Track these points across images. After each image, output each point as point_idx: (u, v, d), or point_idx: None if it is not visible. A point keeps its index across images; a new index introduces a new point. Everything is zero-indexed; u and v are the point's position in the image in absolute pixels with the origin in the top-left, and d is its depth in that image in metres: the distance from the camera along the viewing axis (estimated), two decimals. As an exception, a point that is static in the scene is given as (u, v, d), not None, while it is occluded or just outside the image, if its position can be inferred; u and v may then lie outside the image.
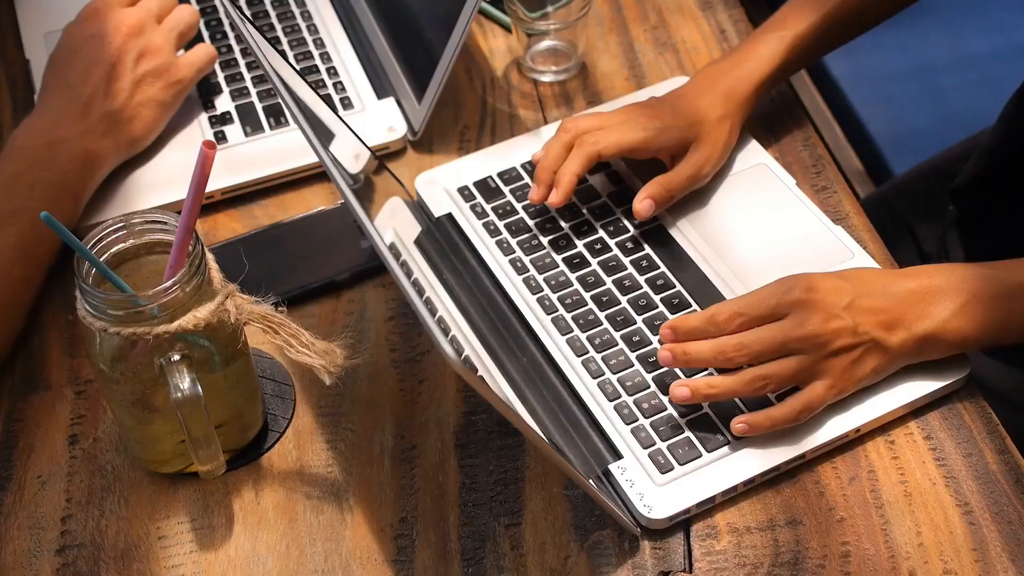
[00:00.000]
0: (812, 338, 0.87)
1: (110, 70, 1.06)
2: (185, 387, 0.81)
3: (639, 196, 1.00)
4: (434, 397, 0.95)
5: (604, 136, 0.99)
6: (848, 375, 0.88)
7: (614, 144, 0.99)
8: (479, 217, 1.04)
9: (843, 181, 1.08)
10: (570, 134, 1.00)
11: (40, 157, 1.02)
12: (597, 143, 0.99)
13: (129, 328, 0.81)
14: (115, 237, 0.84)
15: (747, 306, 0.89)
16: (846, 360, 0.88)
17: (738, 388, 0.88)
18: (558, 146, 1.01)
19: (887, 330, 0.89)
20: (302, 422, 0.94)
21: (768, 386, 0.88)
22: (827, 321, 0.87)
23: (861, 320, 0.88)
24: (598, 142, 0.99)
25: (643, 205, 1.00)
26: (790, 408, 0.88)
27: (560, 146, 1.00)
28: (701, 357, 0.89)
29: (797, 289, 0.89)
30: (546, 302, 0.98)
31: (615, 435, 0.90)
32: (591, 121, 1.01)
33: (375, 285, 1.02)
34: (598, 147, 0.99)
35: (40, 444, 0.94)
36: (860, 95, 1.69)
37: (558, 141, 1.01)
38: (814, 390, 0.88)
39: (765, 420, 0.87)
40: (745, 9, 1.24)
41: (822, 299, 0.88)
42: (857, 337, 0.88)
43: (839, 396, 0.89)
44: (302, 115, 0.83)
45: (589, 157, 0.99)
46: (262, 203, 1.09)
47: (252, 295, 0.87)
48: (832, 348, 0.87)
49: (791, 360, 0.87)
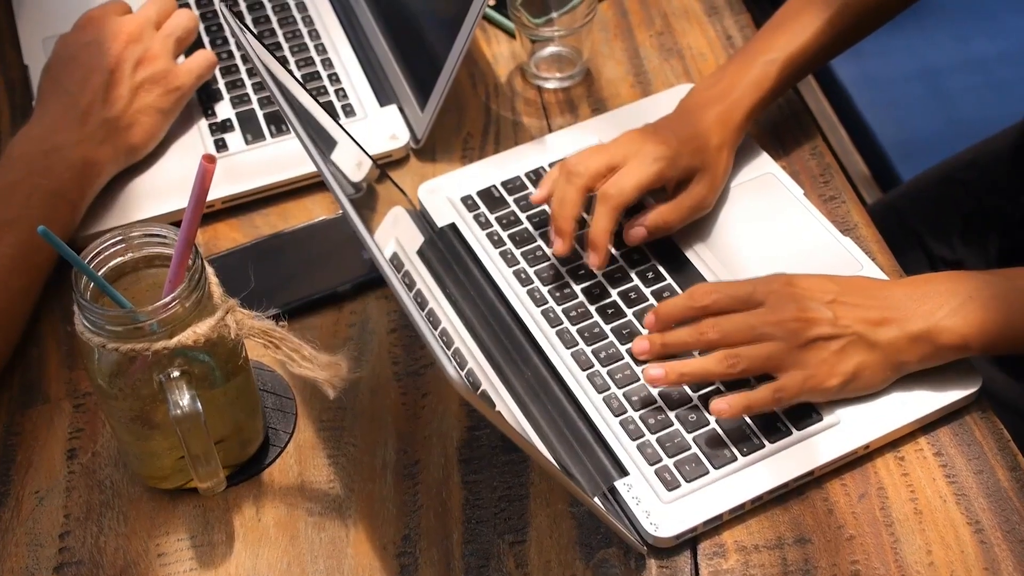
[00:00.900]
0: (785, 323, 0.87)
1: (108, 77, 1.05)
2: (184, 404, 0.80)
3: (633, 221, 0.98)
4: (437, 411, 0.94)
5: (624, 182, 0.96)
6: (829, 368, 0.87)
7: (635, 188, 0.96)
8: (483, 227, 1.03)
9: (851, 191, 1.07)
10: (582, 179, 0.96)
11: (38, 165, 1.01)
12: (621, 193, 0.96)
13: (128, 344, 0.79)
14: (114, 251, 0.83)
15: (724, 285, 0.90)
16: (825, 351, 0.87)
17: (710, 366, 0.88)
18: (574, 193, 0.96)
19: (873, 326, 0.88)
20: (303, 436, 0.93)
21: (738, 364, 0.87)
22: (804, 310, 0.87)
23: (842, 314, 0.88)
24: (622, 191, 0.96)
25: (635, 232, 0.98)
26: (766, 389, 0.87)
27: (576, 192, 0.96)
28: (678, 339, 0.89)
29: (777, 282, 0.89)
30: (551, 314, 0.97)
31: (621, 451, 0.89)
32: (598, 160, 0.97)
33: (377, 296, 1.01)
34: (623, 197, 0.96)
35: (38, 459, 0.92)
36: (866, 98, 1.67)
37: (573, 187, 0.96)
38: (791, 376, 0.87)
39: (743, 399, 0.87)
40: (751, 14, 1.23)
41: (802, 292, 0.89)
42: (837, 329, 0.87)
43: (820, 390, 0.87)
44: (301, 125, 0.81)
45: (617, 211, 0.96)
46: (263, 212, 1.08)
47: (253, 306, 0.86)
48: (807, 336, 0.87)
49: (764, 344, 0.87)
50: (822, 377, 0.87)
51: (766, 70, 1.02)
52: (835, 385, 0.87)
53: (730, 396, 0.87)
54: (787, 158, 1.09)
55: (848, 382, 0.88)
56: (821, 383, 0.87)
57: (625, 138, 1.00)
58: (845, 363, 0.87)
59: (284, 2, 1.23)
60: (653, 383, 0.89)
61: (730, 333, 0.88)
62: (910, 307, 0.88)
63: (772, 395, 0.87)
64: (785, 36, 1.03)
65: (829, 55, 1.06)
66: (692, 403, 0.90)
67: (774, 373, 0.87)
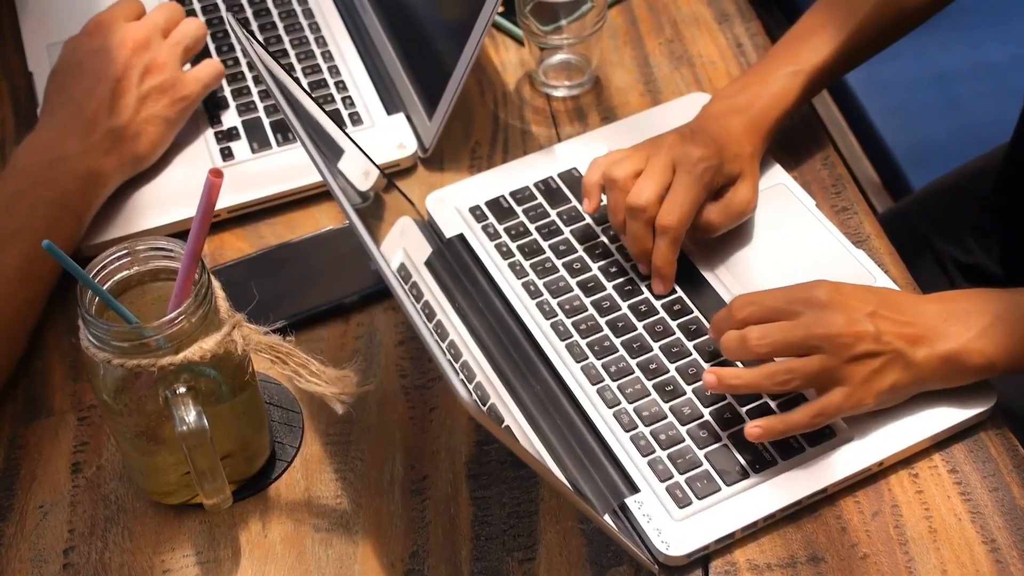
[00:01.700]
0: (835, 338, 0.85)
1: (115, 86, 1.04)
2: (191, 420, 0.79)
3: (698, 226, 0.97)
4: (445, 425, 0.93)
5: (678, 206, 0.94)
6: (868, 385, 0.86)
7: (691, 208, 0.95)
8: (491, 238, 1.02)
9: (863, 202, 1.06)
10: (647, 213, 0.94)
11: (42, 176, 1.00)
12: (680, 222, 0.94)
13: (134, 360, 0.79)
14: (119, 264, 0.82)
15: (763, 296, 0.88)
16: (867, 369, 0.86)
17: (762, 382, 0.86)
18: (642, 228, 0.95)
19: (912, 344, 0.86)
20: (310, 451, 0.92)
21: (792, 382, 0.85)
22: (851, 324, 0.85)
23: (885, 329, 0.86)
24: (680, 220, 0.94)
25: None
26: (805, 412, 0.86)
27: (644, 227, 0.95)
28: (727, 345, 0.87)
29: (819, 290, 0.87)
30: (560, 327, 0.96)
31: (632, 467, 0.88)
32: (651, 188, 0.95)
33: (385, 308, 1.00)
34: (682, 225, 0.95)
35: (42, 473, 0.92)
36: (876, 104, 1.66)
37: (640, 224, 0.95)
38: (832, 396, 0.86)
39: (779, 423, 0.85)
40: (762, 22, 1.22)
41: (846, 301, 0.87)
42: (880, 345, 0.86)
43: (857, 408, 0.86)
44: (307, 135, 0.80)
45: (679, 240, 0.95)
46: (269, 222, 1.07)
47: (259, 318, 0.85)
48: (854, 352, 0.85)
49: (815, 358, 0.85)
50: (861, 396, 0.86)
51: (790, 82, 1.01)
52: (870, 404, 0.86)
53: (765, 420, 0.85)
54: (798, 168, 1.08)
55: (881, 401, 0.87)
56: (860, 402, 0.86)
57: (668, 143, 0.97)
58: (883, 381, 0.86)
59: (290, 8, 1.22)
60: (707, 388, 0.87)
61: (777, 345, 0.85)
62: (940, 326, 0.87)
63: (811, 419, 0.85)
64: (808, 48, 1.02)
65: (851, 66, 1.05)
66: (703, 419, 0.89)
67: (818, 389, 0.86)
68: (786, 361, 0.85)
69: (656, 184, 0.95)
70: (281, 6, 1.22)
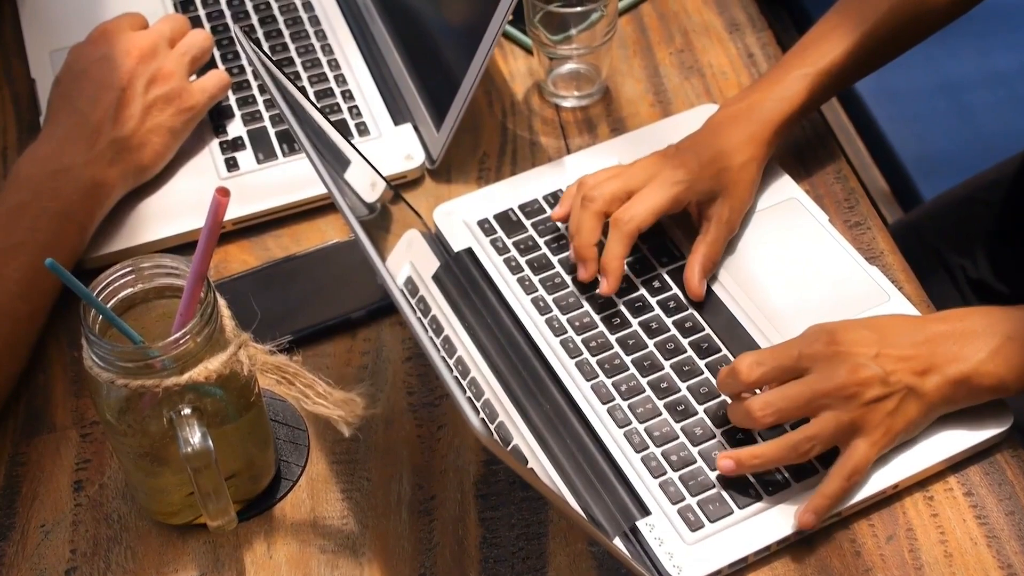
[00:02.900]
0: (840, 390, 0.84)
1: (120, 95, 1.02)
2: (195, 441, 0.78)
3: (693, 271, 0.95)
4: (453, 444, 0.92)
5: (638, 207, 0.94)
6: (888, 427, 0.85)
7: (650, 213, 0.94)
8: (500, 253, 1.01)
9: (877, 216, 1.04)
10: (597, 203, 0.94)
11: (45, 187, 0.98)
12: (634, 218, 0.94)
13: (138, 380, 0.77)
14: (123, 282, 0.81)
15: (768, 355, 0.86)
16: (882, 412, 0.84)
17: (783, 455, 0.84)
18: (590, 218, 0.95)
19: (920, 376, 0.85)
20: (316, 469, 0.91)
21: (815, 449, 0.84)
22: (854, 371, 0.84)
23: (891, 368, 0.84)
24: (634, 217, 0.94)
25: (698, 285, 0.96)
26: (839, 478, 0.84)
27: (592, 218, 0.95)
28: (734, 419, 0.87)
29: (820, 342, 0.86)
30: (570, 345, 0.94)
31: (642, 489, 0.86)
32: (615, 184, 0.95)
33: (392, 323, 0.99)
34: (636, 222, 0.94)
35: (44, 491, 0.90)
36: (885, 112, 1.64)
37: (588, 212, 0.95)
38: (856, 450, 0.84)
39: (823, 500, 0.84)
40: (774, 32, 1.20)
41: (847, 350, 0.85)
42: (889, 386, 0.84)
43: (881, 452, 0.85)
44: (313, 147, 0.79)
45: (630, 236, 0.94)
46: (275, 234, 1.06)
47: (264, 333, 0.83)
48: (864, 399, 0.84)
49: (828, 416, 0.84)
50: (883, 440, 0.84)
51: (798, 85, 0.99)
52: (893, 444, 0.85)
53: (810, 503, 0.84)
54: (810, 181, 1.06)
55: (902, 438, 0.86)
56: (883, 447, 0.85)
57: (645, 162, 0.98)
58: (900, 419, 0.85)
59: (296, 15, 1.20)
60: (725, 474, 0.86)
61: (784, 412, 0.84)
62: (949, 349, 0.85)
63: (848, 482, 0.84)
64: (818, 52, 1.00)
65: (862, 72, 1.03)
66: (715, 439, 0.88)
67: (840, 445, 0.85)
68: (804, 428, 0.84)
69: (618, 184, 0.95)
70: (287, 13, 1.21)
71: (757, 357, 0.87)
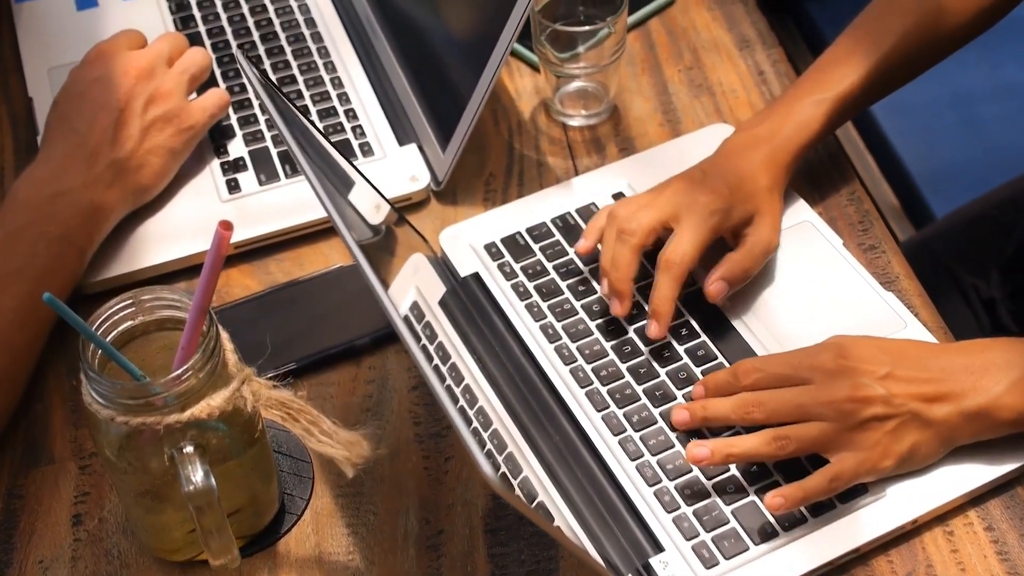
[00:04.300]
0: (836, 404, 0.82)
1: (118, 116, 1.00)
2: (197, 480, 0.76)
3: (711, 277, 0.93)
4: (461, 477, 0.90)
5: (686, 247, 0.91)
6: (884, 449, 0.83)
7: (697, 251, 0.91)
8: (507, 278, 0.99)
9: (891, 239, 1.02)
10: (637, 237, 0.91)
11: (43, 211, 0.96)
12: (684, 259, 0.90)
13: (139, 418, 0.75)
14: (123, 315, 0.79)
15: (768, 362, 0.85)
16: (879, 432, 0.82)
17: (758, 447, 0.83)
18: (629, 253, 0.91)
19: (928, 403, 0.83)
20: (321, 503, 0.89)
21: (788, 446, 0.83)
22: (856, 389, 0.82)
23: (897, 391, 0.83)
24: (684, 257, 0.90)
25: (717, 287, 0.92)
26: (821, 477, 0.82)
27: (632, 252, 0.91)
28: (721, 412, 0.85)
29: (828, 354, 0.84)
30: (580, 373, 0.92)
31: (655, 524, 0.84)
32: (651, 216, 0.92)
33: (397, 350, 0.97)
34: (686, 264, 0.91)
35: (42, 525, 0.88)
36: (895, 124, 1.62)
37: (627, 247, 0.91)
38: (844, 461, 0.82)
39: (798, 491, 0.82)
40: (784, 48, 1.18)
41: (855, 367, 0.83)
42: (891, 408, 0.82)
43: (875, 471, 0.83)
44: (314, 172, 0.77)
45: (682, 278, 0.91)
46: (278, 258, 1.03)
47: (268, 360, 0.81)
48: (860, 417, 0.82)
49: (814, 424, 0.83)
50: (876, 459, 0.82)
51: (814, 111, 0.97)
52: (889, 466, 0.83)
53: (784, 489, 0.82)
54: (823, 204, 1.04)
55: (903, 462, 0.83)
56: (876, 465, 0.83)
57: (673, 188, 0.95)
58: (899, 443, 0.83)
59: (299, 32, 1.18)
60: (697, 462, 0.84)
61: (776, 413, 0.83)
62: (966, 380, 0.83)
63: (828, 484, 0.82)
64: (835, 76, 0.98)
65: (878, 96, 1.01)
66: (730, 472, 0.86)
67: (824, 454, 0.83)
68: (784, 428, 0.83)
69: (653, 216, 0.92)
70: (289, 30, 1.18)
71: (757, 363, 0.86)
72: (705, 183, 0.93)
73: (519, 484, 0.87)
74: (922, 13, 0.99)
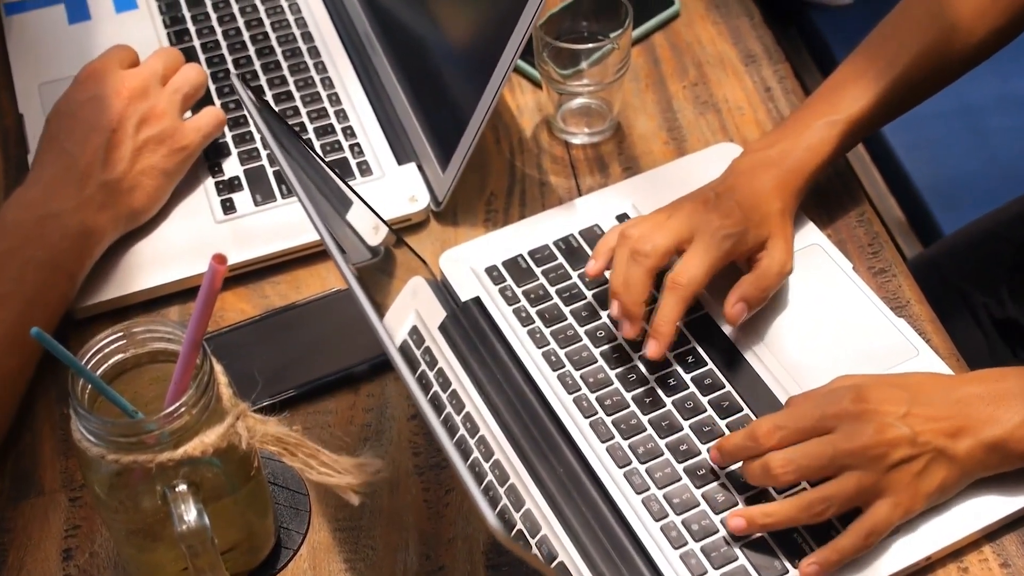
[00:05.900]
0: (865, 450, 0.79)
1: (109, 136, 0.98)
2: (190, 519, 0.73)
3: (730, 300, 0.90)
4: (462, 510, 0.87)
5: (695, 269, 0.88)
6: (914, 490, 0.80)
7: (707, 274, 0.89)
8: (509, 302, 0.96)
9: (902, 263, 1.00)
10: (651, 259, 0.89)
11: (32, 233, 0.94)
12: (692, 281, 0.88)
13: (130, 456, 0.73)
14: (114, 347, 0.76)
15: (788, 418, 0.82)
16: (908, 474, 0.80)
17: (796, 515, 0.80)
18: (643, 274, 0.89)
19: (951, 438, 0.81)
20: (318, 537, 0.86)
21: (830, 509, 0.80)
22: (881, 431, 0.80)
23: (921, 429, 0.80)
24: (693, 280, 0.88)
25: (737, 309, 0.90)
26: (856, 535, 0.80)
27: (646, 274, 0.89)
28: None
29: (846, 400, 0.82)
30: (584, 403, 0.90)
31: (662, 561, 0.82)
32: (665, 237, 0.89)
33: (396, 378, 0.94)
34: (695, 286, 0.88)
35: (31, 560, 0.86)
36: (900, 137, 1.60)
37: (640, 269, 0.89)
38: (878, 511, 0.80)
39: (833, 554, 0.80)
40: (791, 64, 1.16)
41: (875, 408, 0.81)
42: (917, 447, 0.80)
43: (907, 515, 0.81)
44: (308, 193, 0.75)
45: (689, 300, 0.89)
46: (273, 280, 1.01)
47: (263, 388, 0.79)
48: (890, 461, 0.80)
49: (850, 477, 0.80)
50: (908, 503, 0.80)
51: (826, 133, 0.95)
52: (919, 508, 0.81)
53: (818, 555, 0.80)
54: (832, 226, 1.02)
55: (930, 502, 0.82)
56: (908, 509, 0.81)
57: (687, 209, 0.92)
58: (928, 483, 0.80)
59: (295, 47, 1.15)
60: (735, 533, 0.81)
61: (805, 470, 0.80)
62: (984, 411, 0.81)
63: (864, 541, 0.80)
64: (846, 98, 0.96)
65: (890, 117, 0.99)
66: (739, 506, 0.84)
67: (861, 506, 0.81)
68: (820, 488, 0.80)
69: (669, 237, 0.90)
70: (285, 44, 1.16)
71: (777, 420, 0.82)
72: (719, 206, 0.91)
73: (521, 516, 0.85)
74: (936, 32, 0.97)
